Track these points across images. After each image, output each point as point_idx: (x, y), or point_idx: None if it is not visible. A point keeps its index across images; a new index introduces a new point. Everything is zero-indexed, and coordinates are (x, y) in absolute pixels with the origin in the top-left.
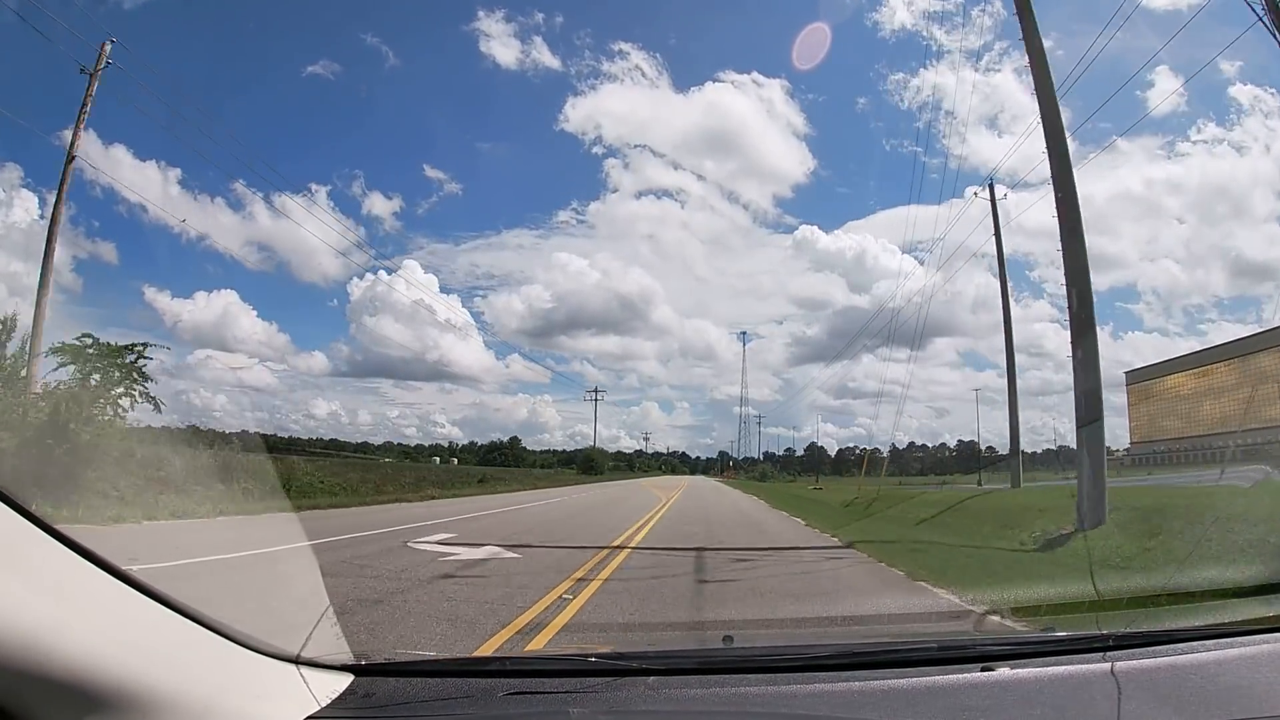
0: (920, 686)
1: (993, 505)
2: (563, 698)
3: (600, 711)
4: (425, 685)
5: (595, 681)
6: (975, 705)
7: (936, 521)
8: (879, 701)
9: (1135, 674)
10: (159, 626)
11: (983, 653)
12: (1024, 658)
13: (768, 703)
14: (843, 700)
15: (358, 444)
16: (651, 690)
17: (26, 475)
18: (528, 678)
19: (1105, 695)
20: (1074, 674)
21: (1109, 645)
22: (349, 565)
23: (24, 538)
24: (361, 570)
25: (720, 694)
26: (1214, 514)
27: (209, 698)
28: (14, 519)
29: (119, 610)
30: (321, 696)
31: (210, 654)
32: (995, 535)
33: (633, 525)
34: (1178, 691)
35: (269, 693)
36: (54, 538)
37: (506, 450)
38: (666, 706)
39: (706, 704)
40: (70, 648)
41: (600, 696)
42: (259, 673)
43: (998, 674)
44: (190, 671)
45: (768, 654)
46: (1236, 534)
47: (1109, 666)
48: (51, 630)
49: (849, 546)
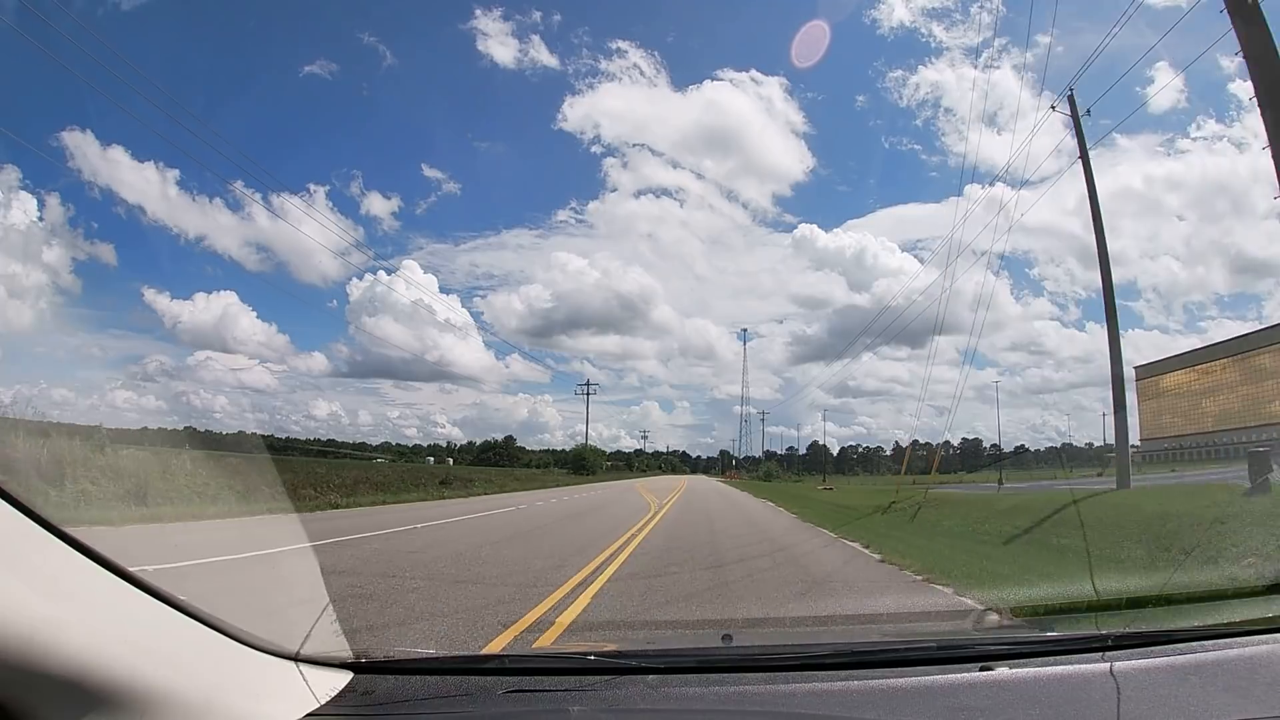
0: (919, 686)
1: (1114, 512)
2: (562, 696)
3: (600, 710)
4: (425, 683)
5: (595, 680)
6: (974, 705)
7: (1040, 540)
8: (878, 701)
9: (1134, 674)
10: (159, 624)
11: (982, 652)
12: (1023, 657)
13: (767, 701)
14: (841, 699)
15: (356, 443)
16: (651, 689)
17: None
18: (527, 675)
19: (1104, 695)
20: (1073, 674)
21: (1108, 645)
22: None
23: (24, 535)
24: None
25: (720, 693)
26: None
27: (209, 695)
28: (14, 517)
29: (119, 608)
30: (321, 694)
31: (210, 651)
32: (1192, 566)
33: (590, 564)
34: (1177, 692)
35: (269, 690)
36: (54, 535)
37: (501, 450)
38: (666, 705)
39: (706, 703)
40: (70, 645)
41: (600, 695)
42: (259, 670)
43: (996, 674)
44: (190, 669)
45: (767, 653)
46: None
47: (1108, 667)
48: (51, 628)
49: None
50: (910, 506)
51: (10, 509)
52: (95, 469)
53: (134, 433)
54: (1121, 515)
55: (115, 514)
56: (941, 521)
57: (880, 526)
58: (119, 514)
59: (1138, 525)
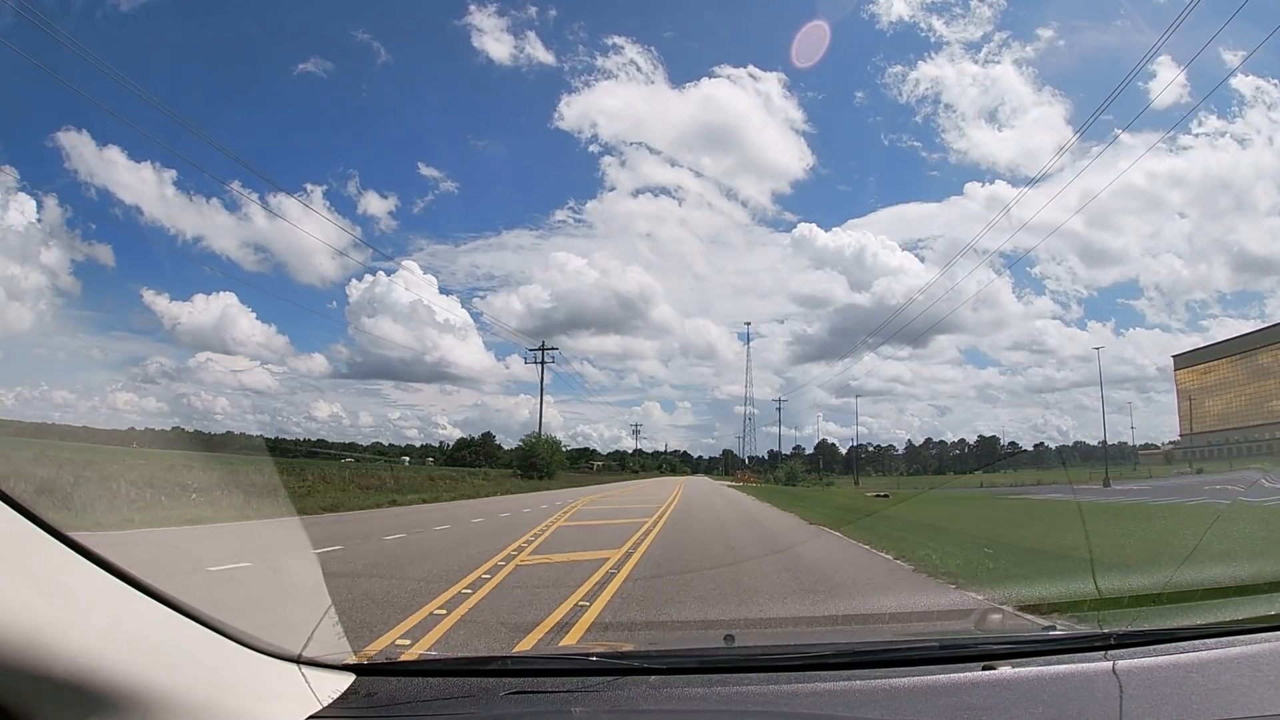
0: (922, 685)
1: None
2: (564, 697)
3: (602, 711)
4: (427, 685)
5: (597, 681)
6: (977, 704)
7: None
8: (880, 700)
9: (1137, 673)
10: (160, 626)
11: (984, 651)
12: (1025, 656)
13: (769, 702)
14: (844, 699)
15: (346, 444)
16: (653, 689)
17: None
18: (529, 677)
19: (1107, 694)
20: (1076, 673)
21: (1110, 644)
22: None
23: (25, 538)
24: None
25: (722, 693)
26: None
27: (211, 697)
28: (15, 519)
29: (120, 610)
30: (323, 696)
31: (212, 653)
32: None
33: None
34: (1179, 690)
35: (271, 692)
36: (55, 538)
37: (478, 448)
38: (668, 705)
39: (708, 703)
40: (72, 647)
41: (602, 696)
42: (261, 672)
43: (999, 672)
44: (192, 671)
45: (769, 653)
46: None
47: (1110, 665)
48: (53, 630)
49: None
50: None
51: (12, 512)
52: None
53: (122, 433)
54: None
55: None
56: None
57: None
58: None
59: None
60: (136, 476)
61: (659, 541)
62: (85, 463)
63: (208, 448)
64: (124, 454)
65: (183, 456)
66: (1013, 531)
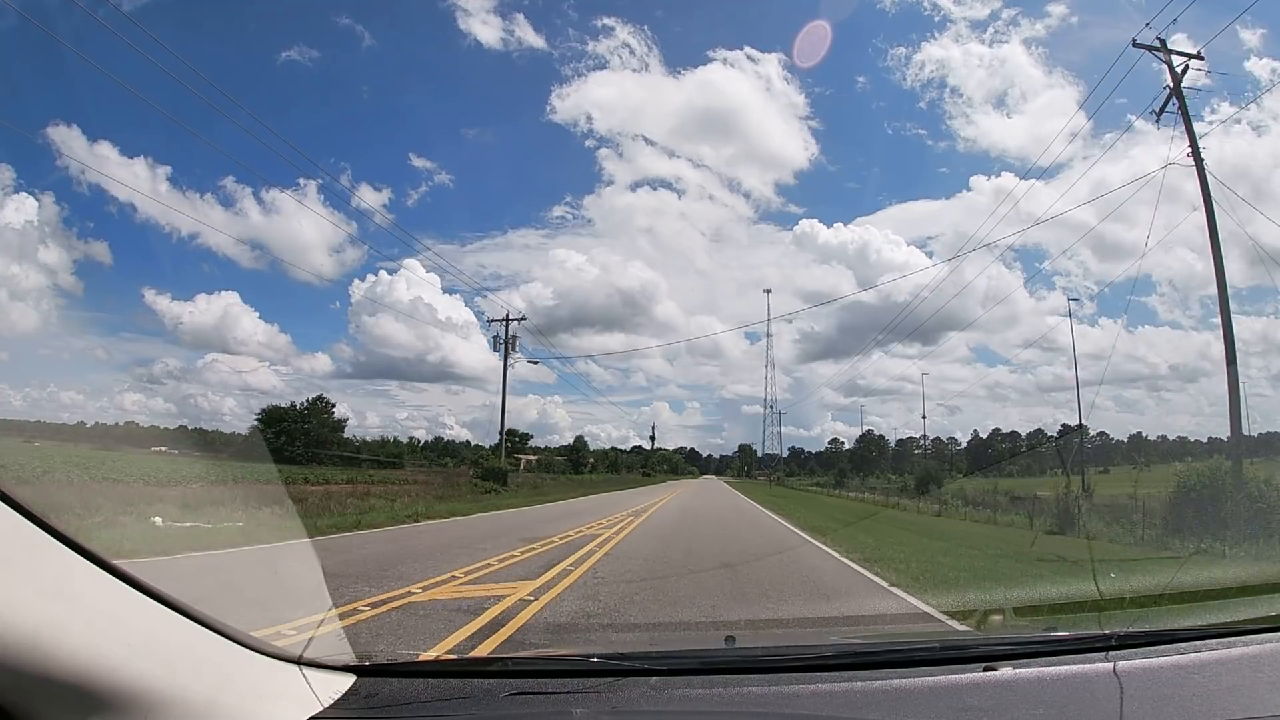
0: (923, 686)
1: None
2: (565, 698)
3: (603, 712)
4: (428, 686)
5: (597, 682)
6: (978, 705)
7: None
8: (881, 701)
9: (1138, 673)
10: (161, 627)
11: (985, 652)
12: (1026, 657)
13: (770, 703)
14: (845, 700)
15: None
16: (654, 690)
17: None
18: (530, 678)
19: (1108, 695)
20: (1076, 674)
21: (1111, 645)
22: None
23: (25, 538)
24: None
25: (722, 694)
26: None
27: (211, 698)
28: (14, 519)
29: (121, 610)
30: (324, 697)
31: (212, 654)
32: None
33: None
34: (1180, 691)
35: (272, 693)
36: (55, 538)
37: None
38: (669, 707)
39: (709, 704)
40: (72, 648)
41: (603, 697)
42: (262, 673)
43: (1000, 674)
44: (192, 672)
45: (770, 654)
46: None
47: (1111, 666)
48: (53, 630)
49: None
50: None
51: (13, 513)
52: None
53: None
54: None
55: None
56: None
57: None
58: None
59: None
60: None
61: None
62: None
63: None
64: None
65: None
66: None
